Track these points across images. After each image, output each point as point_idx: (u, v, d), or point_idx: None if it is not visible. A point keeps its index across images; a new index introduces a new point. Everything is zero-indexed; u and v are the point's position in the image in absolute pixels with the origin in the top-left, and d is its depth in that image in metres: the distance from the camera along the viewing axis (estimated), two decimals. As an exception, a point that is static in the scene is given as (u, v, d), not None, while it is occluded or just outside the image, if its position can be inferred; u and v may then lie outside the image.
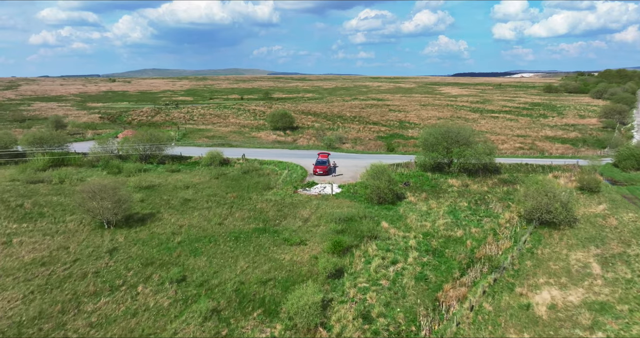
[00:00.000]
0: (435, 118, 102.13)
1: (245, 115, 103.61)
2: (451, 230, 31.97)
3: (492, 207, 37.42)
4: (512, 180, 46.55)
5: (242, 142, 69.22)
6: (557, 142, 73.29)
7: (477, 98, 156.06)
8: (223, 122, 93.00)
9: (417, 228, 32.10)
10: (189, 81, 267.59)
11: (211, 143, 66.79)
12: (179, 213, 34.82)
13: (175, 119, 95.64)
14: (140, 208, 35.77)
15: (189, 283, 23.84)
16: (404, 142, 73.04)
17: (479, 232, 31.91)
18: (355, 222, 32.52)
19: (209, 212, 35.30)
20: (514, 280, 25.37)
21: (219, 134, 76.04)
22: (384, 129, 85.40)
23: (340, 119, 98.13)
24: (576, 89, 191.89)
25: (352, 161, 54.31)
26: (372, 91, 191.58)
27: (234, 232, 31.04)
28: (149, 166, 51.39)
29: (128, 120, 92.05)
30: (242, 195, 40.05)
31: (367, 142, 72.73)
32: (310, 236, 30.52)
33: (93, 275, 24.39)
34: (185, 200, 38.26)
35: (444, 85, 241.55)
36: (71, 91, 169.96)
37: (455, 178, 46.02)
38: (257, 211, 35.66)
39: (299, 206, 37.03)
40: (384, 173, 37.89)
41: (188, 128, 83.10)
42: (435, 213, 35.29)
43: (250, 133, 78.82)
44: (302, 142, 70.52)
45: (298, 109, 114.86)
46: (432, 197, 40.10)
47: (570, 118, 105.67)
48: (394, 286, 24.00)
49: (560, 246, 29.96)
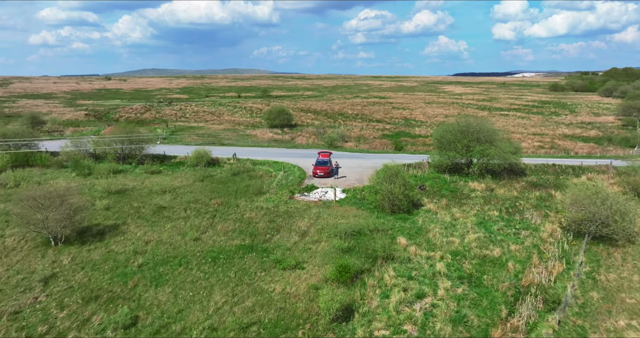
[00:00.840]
0: (442, 116, 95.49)
1: (241, 112, 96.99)
2: (485, 247, 25.30)
3: (528, 216, 30.72)
4: (542, 183, 39.87)
5: (235, 140, 62.58)
6: (578, 141, 66.65)
7: (483, 96, 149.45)
8: (217, 119, 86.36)
9: (442, 245, 25.41)
10: (186, 79, 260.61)
11: (201, 141, 60.13)
12: (148, 225, 28.18)
13: (166, 116, 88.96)
14: (103, 219, 29.12)
15: (140, 330, 17.14)
16: (412, 140, 66.41)
17: (519, 250, 25.24)
18: (365, 237, 25.91)
19: (186, 223, 28.66)
20: (583, 321, 18.71)
21: (211, 132, 69.42)
22: (389, 127, 78.77)
23: (342, 117, 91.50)
24: (583, 88, 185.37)
25: (357, 161, 47.66)
26: (374, 89, 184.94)
27: (212, 251, 24.40)
28: (126, 167, 44.71)
29: (115, 117, 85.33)
30: (228, 201, 33.40)
31: (372, 140, 66.10)
32: (308, 256, 23.89)
33: (10, 317, 17.72)
34: (160, 208, 31.61)
35: (447, 84, 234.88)
36: (63, 89, 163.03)
37: (476, 181, 39.40)
38: (244, 222, 29.01)
39: (295, 215, 30.40)
40: (397, 176, 31.22)
41: (178, 125, 76.46)
42: (462, 225, 28.60)
43: (245, 131, 72.19)
44: (300, 140, 63.87)
45: (297, 107, 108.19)
46: (454, 203, 33.43)
47: (584, 116, 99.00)
48: (425, 334, 17.36)
49: (628, 270, 23.30)
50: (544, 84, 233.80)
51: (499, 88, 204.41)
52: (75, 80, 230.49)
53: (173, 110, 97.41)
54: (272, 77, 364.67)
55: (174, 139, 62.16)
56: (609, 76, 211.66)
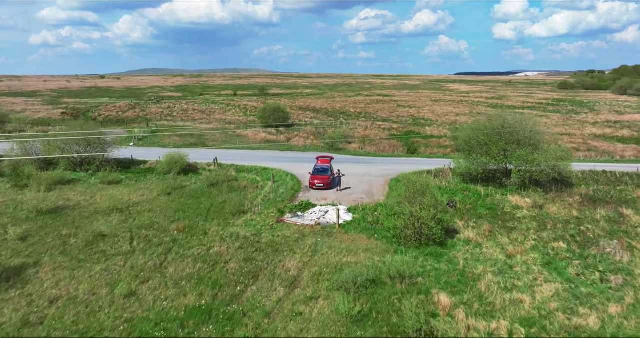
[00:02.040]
0: (453, 114, 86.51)
1: (234, 111, 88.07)
2: (572, 310, 16.28)
3: (609, 251, 21.81)
4: (602, 197, 30.88)
5: (221, 142, 53.67)
6: (614, 142, 57.70)
7: (491, 94, 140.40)
8: (207, 118, 77.46)
9: (505, 306, 16.43)
10: (183, 78, 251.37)
11: (181, 143, 51.22)
12: (70, 267, 19.28)
13: (150, 114, 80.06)
14: (10, 256, 20.23)
15: None
16: (424, 142, 57.47)
17: (624, 314, 16.32)
18: (384, 290, 17.02)
19: (126, 263, 19.77)
20: None
21: (196, 132, 60.51)
22: (396, 127, 69.75)
23: (344, 115, 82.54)
24: (593, 86, 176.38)
25: (364, 167, 38.75)
26: (376, 87, 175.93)
27: (146, 320, 15.50)
28: (79, 175, 35.77)
29: (94, 116, 76.41)
30: (194, 225, 24.51)
31: (379, 141, 57.13)
32: (298, 329, 15.01)
33: None
34: (98, 236, 22.71)
35: (450, 82, 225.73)
36: (51, 87, 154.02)
37: (517, 194, 30.47)
38: (209, 261, 20.11)
39: (283, 249, 21.49)
40: (425, 193, 22.26)
41: (162, 125, 67.54)
42: (524, 267, 19.64)
43: (235, 131, 63.29)
44: (297, 141, 54.94)
45: (295, 105, 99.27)
46: (499, 228, 24.48)
47: (606, 114, 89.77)
48: None
49: None
50: (551, 82, 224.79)
51: (505, 86, 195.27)
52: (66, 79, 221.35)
53: (160, 108, 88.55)
54: (271, 75, 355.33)
55: (151, 140, 53.23)
56: (618, 74, 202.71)
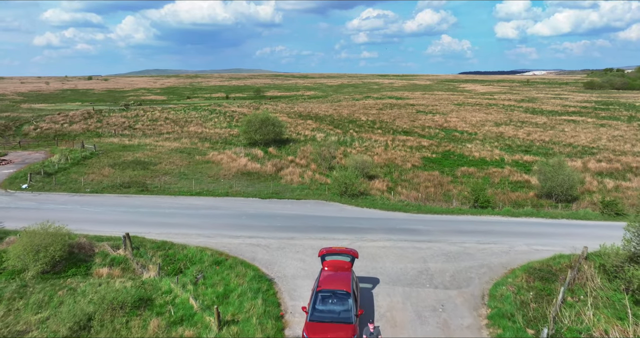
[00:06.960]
0: (491, 123, 67.36)
1: (217, 119, 69.09)
2: None
3: None
4: None
5: (177, 176, 34.75)
6: None
7: (517, 96, 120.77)
8: (178, 131, 58.55)
9: None
10: (176, 79, 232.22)
11: (107, 183, 32.18)
12: None
13: (108, 126, 61.30)
14: None
15: None
16: (477, 172, 38.45)
17: None
18: None
19: None
20: None
21: (147, 158, 41.56)
22: (427, 144, 50.61)
23: (354, 125, 63.58)
24: (624, 85, 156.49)
25: (410, 253, 19.66)
26: (385, 88, 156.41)
27: None
28: None
29: (29, 129, 57.63)
30: None
31: (413, 173, 38.02)
32: None
33: None
34: None
35: (463, 82, 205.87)
36: (21, 90, 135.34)
37: None
38: None
39: None
40: None
41: (109, 143, 48.68)
42: None
43: (207, 152, 44.40)
44: (291, 174, 35.82)
45: (294, 111, 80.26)
46: None
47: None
48: None
49: None
50: (572, 81, 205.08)
51: (525, 86, 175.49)
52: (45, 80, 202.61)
53: (124, 117, 69.66)
54: (271, 75, 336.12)
55: (66, 176, 34.24)
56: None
